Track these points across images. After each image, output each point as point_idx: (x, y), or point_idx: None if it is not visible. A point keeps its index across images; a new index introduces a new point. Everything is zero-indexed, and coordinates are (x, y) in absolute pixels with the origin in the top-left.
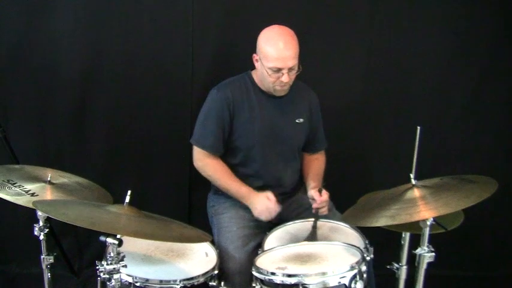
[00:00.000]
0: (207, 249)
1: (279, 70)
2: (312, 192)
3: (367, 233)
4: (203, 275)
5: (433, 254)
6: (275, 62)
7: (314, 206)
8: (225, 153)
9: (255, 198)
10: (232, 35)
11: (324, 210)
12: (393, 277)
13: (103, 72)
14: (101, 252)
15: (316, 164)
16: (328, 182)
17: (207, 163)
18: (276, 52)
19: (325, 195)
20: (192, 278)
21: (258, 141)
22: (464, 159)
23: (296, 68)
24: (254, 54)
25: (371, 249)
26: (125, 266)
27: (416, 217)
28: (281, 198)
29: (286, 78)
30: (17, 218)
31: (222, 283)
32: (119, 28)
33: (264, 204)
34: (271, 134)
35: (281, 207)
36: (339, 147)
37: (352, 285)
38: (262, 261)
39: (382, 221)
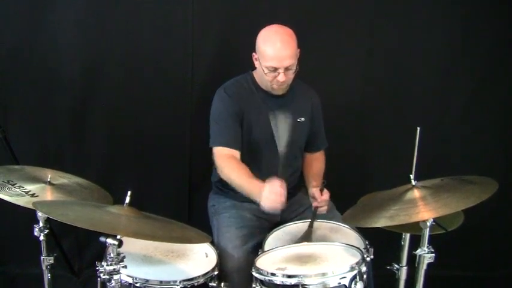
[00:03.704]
0: (207, 250)
1: (275, 69)
2: (314, 191)
3: (367, 233)
4: (203, 275)
5: (433, 254)
6: (271, 61)
7: (314, 204)
8: None
9: (266, 188)
10: (232, 35)
11: (323, 209)
12: (393, 278)
13: (103, 72)
14: (101, 253)
15: (316, 163)
16: (328, 182)
17: (225, 165)
18: (272, 51)
19: (326, 194)
20: (192, 279)
21: (260, 140)
22: (464, 159)
23: (293, 68)
24: (253, 53)
25: (371, 249)
26: (125, 266)
27: (415, 218)
28: None
29: (282, 78)
30: (17, 218)
31: (222, 283)
32: (119, 28)
33: (274, 191)
34: (273, 133)
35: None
36: (339, 147)
37: (352, 285)
38: (262, 261)
39: (381, 221)
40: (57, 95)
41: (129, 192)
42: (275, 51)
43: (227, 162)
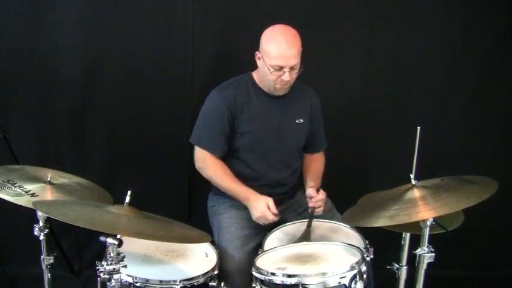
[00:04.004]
0: (207, 250)
1: (280, 68)
2: (310, 191)
3: (367, 233)
4: (203, 275)
5: (433, 254)
6: (277, 60)
7: (310, 204)
8: (226, 153)
9: (254, 202)
10: (232, 35)
11: (320, 210)
12: (393, 277)
13: (103, 72)
14: (101, 253)
15: (315, 164)
16: (328, 182)
17: (207, 165)
18: (278, 50)
19: (322, 194)
20: (192, 279)
21: (259, 142)
22: (464, 159)
23: (298, 68)
24: (256, 52)
25: (371, 249)
26: (125, 266)
27: (415, 217)
28: (281, 198)
29: (287, 77)
30: (17, 218)
31: (222, 283)
32: (119, 28)
33: (262, 211)
34: (272, 135)
35: (279, 216)
36: (339, 148)
37: (352, 285)
38: (262, 261)
39: (381, 221)
40: (57, 95)
41: (129, 192)
42: (280, 50)
43: (209, 162)
